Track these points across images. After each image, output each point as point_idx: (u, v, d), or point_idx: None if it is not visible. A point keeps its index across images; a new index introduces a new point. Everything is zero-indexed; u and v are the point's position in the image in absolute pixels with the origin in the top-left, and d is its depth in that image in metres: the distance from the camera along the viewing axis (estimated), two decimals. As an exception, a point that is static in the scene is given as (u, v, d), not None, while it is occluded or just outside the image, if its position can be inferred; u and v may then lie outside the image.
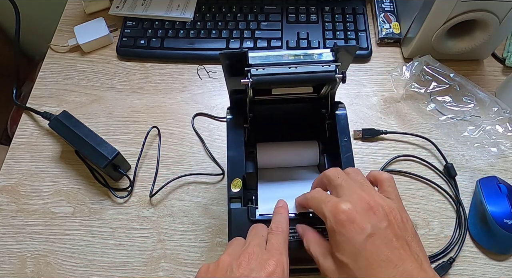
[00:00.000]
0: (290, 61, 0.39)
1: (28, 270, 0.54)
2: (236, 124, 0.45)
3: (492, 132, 0.58)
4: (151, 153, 0.61)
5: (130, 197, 0.58)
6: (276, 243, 0.35)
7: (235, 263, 0.33)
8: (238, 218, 0.41)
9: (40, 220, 0.57)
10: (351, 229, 0.31)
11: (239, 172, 0.43)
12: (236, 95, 0.44)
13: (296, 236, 0.40)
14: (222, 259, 0.34)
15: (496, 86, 0.66)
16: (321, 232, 0.38)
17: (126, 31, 0.71)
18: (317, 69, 0.38)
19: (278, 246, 0.35)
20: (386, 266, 0.30)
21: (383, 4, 0.72)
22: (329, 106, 0.44)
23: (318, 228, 0.38)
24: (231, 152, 0.44)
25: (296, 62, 0.39)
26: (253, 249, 0.34)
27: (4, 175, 0.60)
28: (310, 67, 0.39)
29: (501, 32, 0.60)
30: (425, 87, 0.61)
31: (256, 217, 0.41)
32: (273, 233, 0.36)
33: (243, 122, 0.45)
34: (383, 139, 0.61)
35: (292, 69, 0.38)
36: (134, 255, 0.54)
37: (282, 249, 0.35)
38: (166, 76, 0.68)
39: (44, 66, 0.70)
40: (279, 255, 0.34)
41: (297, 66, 0.38)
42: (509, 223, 0.51)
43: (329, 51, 0.40)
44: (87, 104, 0.66)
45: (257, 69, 0.38)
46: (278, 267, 0.33)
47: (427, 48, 0.64)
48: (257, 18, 0.71)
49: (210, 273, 0.34)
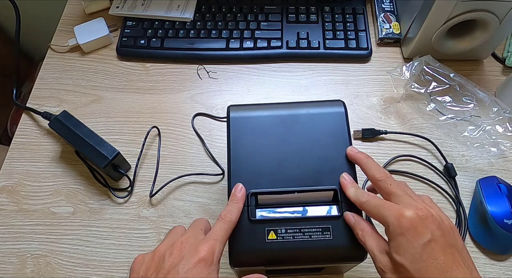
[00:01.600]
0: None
1: (28, 270, 0.54)
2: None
3: (492, 132, 0.58)
4: (151, 153, 0.61)
5: (130, 197, 0.58)
6: (217, 230, 0.37)
7: (168, 252, 0.36)
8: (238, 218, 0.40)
9: (40, 220, 0.57)
10: (414, 234, 0.34)
11: (243, 172, 0.43)
12: None
13: (297, 236, 0.40)
14: (158, 249, 0.37)
15: (496, 86, 0.66)
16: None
17: (126, 31, 0.71)
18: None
19: (217, 234, 0.37)
20: (442, 270, 0.33)
21: (383, 4, 0.72)
22: None
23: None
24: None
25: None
26: (187, 238, 0.36)
27: (4, 175, 0.60)
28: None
29: (501, 32, 0.60)
30: (425, 87, 0.61)
31: (257, 217, 0.41)
32: (220, 220, 0.38)
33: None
34: (383, 139, 0.62)
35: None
36: (134, 255, 0.54)
37: (220, 236, 0.37)
38: (166, 76, 0.68)
39: (44, 66, 0.70)
40: (213, 241, 0.36)
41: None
42: (509, 223, 0.51)
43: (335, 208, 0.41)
44: (87, 104, 0.66)
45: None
46: (209, 253, 0.35)
47: (427, 48, 0.64)
48: (257, 18, 0.71)
49: (145, 263, 0.36)
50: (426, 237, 0.33)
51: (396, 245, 0.35)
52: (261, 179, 0.42)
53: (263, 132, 0.44)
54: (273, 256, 0.40)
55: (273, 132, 0.44)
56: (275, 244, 0.40)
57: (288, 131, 0.45)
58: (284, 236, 0.40)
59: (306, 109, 0.46)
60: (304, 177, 0.42)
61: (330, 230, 0.40)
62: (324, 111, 0.46)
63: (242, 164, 0.43)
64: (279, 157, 0.43)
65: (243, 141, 0.44)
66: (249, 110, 0.47)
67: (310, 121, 0.45)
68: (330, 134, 0.44)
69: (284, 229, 0.40)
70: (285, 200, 0.42)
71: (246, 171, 0.43)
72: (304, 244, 0.40)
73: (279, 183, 0.42)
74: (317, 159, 0.43)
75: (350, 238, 0.40)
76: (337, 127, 0.44)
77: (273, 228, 0.40)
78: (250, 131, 0.45)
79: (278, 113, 0.46)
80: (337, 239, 0.40)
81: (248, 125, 0.45)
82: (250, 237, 0.40)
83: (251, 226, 0.40)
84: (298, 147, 0.44)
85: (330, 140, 0.44)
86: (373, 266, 0.37)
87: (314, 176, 0.42)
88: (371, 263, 0.52)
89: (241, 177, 0.42)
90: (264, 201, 0.42)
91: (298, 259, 0.40)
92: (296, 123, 0.45)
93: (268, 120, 0.45)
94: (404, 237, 0.34)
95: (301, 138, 0.44)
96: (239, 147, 0.44)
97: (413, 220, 0.34)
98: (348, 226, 0.40)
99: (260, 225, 0.40)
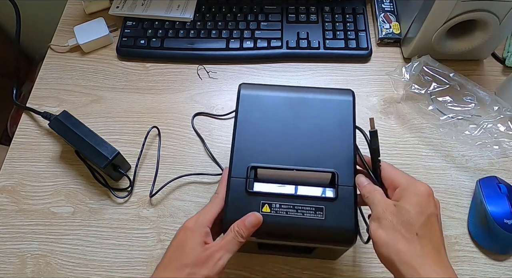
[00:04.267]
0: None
1: (28, 270, 0.54)
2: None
3: (494, 131, 0.57)
4: (151, 153, 0.61)
5: (130, 197, 0.58)
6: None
7: None
8: (236, 189, 0.42)
9: (40, 220, 0.57)
10: (426, 200, 0.37)
11: (246, 146, 0.44)
12: None
13: (290, 212, 0.41)
14: None
15: (496, 86, 0.66)
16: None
17: (126, 31, 0.71)
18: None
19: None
20: (433, 231, 0.37)
21: (383, 4, 0.72)
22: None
23: None
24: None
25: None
26: None
27: (4, 175, 0.60)
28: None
29: (501, 32, 0.60)
30: (425, 88, 0.61)
31: (254, 189, 0.42)
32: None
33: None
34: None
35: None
36: (134, 255, 0.54)
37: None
38: (166, 76, 0.68)
39: (44, 66, 0.70)
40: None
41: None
42: (509, 223, 0.51)
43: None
44: (87, 104, 0.66)
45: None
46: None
47: (427, 48, 0.64)
48: (257, 18, 0.71)
49: None
50: (434, 209, 0.37)
51: (406, 197, 0.37)
52: (263, 155, 0.43)
53: (271, 112, 0.46)
54: (264, 228, 0.41)
55: (280, 112, 0.46)
56: (268, 217, 0.41)
57: (295, 113, 0.46)
58: (278, 210, 0.41)
59: (315, 95, 0.47)
60: (305, 158, 0.43)
61: (323, 211, 0.41)
62: (332, 98, 0.47)
63: (246, 139, 0.44)
64: (283, 137, 0.44)
65: (250, 117, 0.46)
66: (260, 89, 0.48)
67: (318, 106, 0.46)
68: (336, 121, 0.45)
69: (278, 204, 0.41)
70: (284, 178, 0.43)
71: (249, 145, 0.44)
72: (296, 220, 0.41)
73: (280, 160, 0.43)
74: (319, 143, 0.44)
75: (342, 221, 0.41)
76: (343, 115, 0.46)
77: (268, 201, 0.42)
78: (258, 110, 0.46)
79: (288, 95, 0.47)
80: (329, 220, 0.41)
81: (257, 103, 0.46)
82: (245, 207, 0.41)
83: (248, 198, 0.42)
84: (303, 129, 0.45)
85: (335, 126, 0.45)
86: (373, 266, 0.37)
87: (314, 158, 0.43)
88: (371, 263, 0.52)
89: (244, 151, 0.44)
90: (263, 176, 0.43)
91: (288, 234, 0.42)
92: (304, 106, 0.46)
93: (277, 101, 0.46)
94: (416, 197, 0.37)
95: (307, 121, 0.45)
96: (246, 123, 0.45)
97: (427, 189, 0.38)
98: (341, 209, 0.41)
99: (256, 197, 0.42)
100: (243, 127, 0.45)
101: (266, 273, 0.53)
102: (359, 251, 0.53)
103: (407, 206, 0.36)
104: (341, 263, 0.53)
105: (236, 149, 0.44)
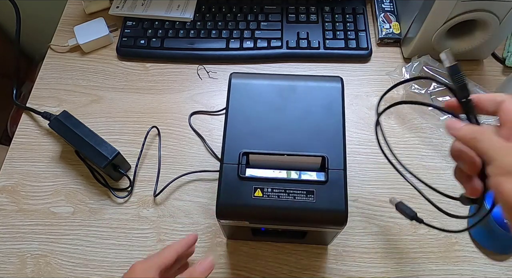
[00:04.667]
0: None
1: (28, 270, 0.54)
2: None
3: (494, 131, 0.57)
4: (151, 153, 0.61)
5: (130, 197, 0.58)
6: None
7: None
8: (229, 175, 0.43)
9: (40, 220, 0.57)
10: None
11: (238, 133, 0.45)
12: None
13: (281, 196, 0.42)
14: None
15: (496, 86, 0.66)
16: None
17: (126, 31, 0.71)
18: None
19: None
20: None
21: (383, 4, 0.72)
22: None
23: None
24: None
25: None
26: None
27: (4, 175, 0.60)
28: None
29: (501, 32, 0.60)
30: (425, 88, 0.61)
31: (246, 174, 0.43)
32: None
33: None
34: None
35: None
36: (134, 255, 0.54)
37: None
38: (166, 76, 0.68)
39: (44, 66, 0.70)
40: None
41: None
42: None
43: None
44: (87, 104, 0.66)
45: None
46: None
47: (427, 48, 0.64)
48: (257, 18, 0.71)
49: None
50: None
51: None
52: (254, 141, 0.44)
53: (261, 99, 0.47)
54: (257, 212, 0.42)
55: (271, 100, 0.47)
56: (260, 201, 0.42)
57: (285, 100, 0.47)
58: (270, 194, 0.42)
59: (305, 82, 0.48)
60: (296, 143, 0.44)
61: (314, 194, 0.42)
62: (321, 85, 0.48)
63: (238, 126, 0.45)
64: (273, 123, 0.45)
65: (241, 105, 0.47)
66: (250, 78, 0.49)
67: (307, 93, 0.47)
68: (325, 107, 0.46)
69: (270, 188, 0.42)
70: (275, 163, 0.44)
71: (240, 132, 0.45)
72: (288, 203, 0.42)
73: (271, 146, 0.44)
74: (310, 128, 0.45)
75: (332, 203, 0.42)
76: (332, 101, 0.47)
77: (260, 186, 0.42)
78: (249, 98, 0.47)
79: (278, 83, 0.48)
80: (320, 203, 0.41)
81: (247, 91, 0.47)
82: (238, 192, 0.42)
83: (240, 183, 0.43)
84: (293, 115, 0.46)
85: (324, 112, 0.46)
86: (373, 266, 0.37)
87: (305, 143, 0.44)
88: (371, 263, 0.52)
89: (236, 138, 0.45)
90: (254, 162, 0.44)
91: (281, 217, 0.42)
92: (294, 93, 0.47)
93: (267, 89, 0.48)
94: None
95: (296, 107, 0.46)
96: (237, 110, 0.46)
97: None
98: (332, 192, 0.42)
99: (248, 182, 0.43)
100: (234, 115, 0.46)
101: (266, 273, 0.53)
102: (359, 251, 0.53)
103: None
104: (341, 263, 0.53)
105: (228, 135, 0.45)
